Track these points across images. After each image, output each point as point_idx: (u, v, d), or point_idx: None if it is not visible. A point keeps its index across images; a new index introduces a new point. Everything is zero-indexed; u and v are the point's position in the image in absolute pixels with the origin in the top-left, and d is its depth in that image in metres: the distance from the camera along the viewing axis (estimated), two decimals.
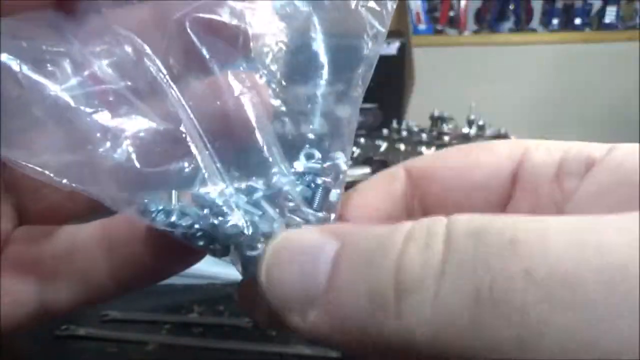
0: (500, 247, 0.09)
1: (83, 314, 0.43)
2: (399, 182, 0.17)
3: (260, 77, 0.16)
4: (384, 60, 0.85)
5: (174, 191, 0.14)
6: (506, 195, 0.15)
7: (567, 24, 1.23)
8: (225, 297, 0.44)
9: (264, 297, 0.12)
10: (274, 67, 0.16)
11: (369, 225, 0.12)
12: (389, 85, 0.80)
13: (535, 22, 1.27)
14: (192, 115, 0.15)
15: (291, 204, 0.15)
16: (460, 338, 0.09)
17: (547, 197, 0.14)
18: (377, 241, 0.11)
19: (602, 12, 1.22)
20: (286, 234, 0.13)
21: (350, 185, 0.48)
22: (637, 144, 0.13)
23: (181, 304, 0.43)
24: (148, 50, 0.15)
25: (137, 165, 0.14)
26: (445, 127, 0.50)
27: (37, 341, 0.39)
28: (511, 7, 1.25)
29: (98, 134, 0.14)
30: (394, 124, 0.51)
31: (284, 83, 0.16)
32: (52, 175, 0.14)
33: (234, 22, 0.15)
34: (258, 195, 0.15)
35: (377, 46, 0.16)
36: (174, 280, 0.46)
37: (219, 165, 0.15)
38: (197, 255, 0.17)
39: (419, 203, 0.17)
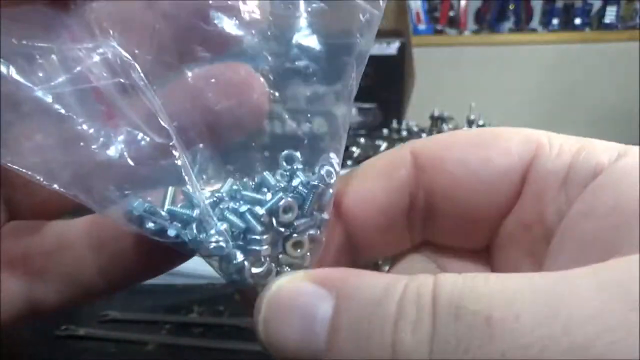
0: (478, 330, 0.10)
1: (83, 314, 0.43)
2: (404, 169, 0.16)
3: (256, 71, 0.15)
4: (384, 60, 0.86)
5: (166, 193, 0.14)
6: (514, 195, 0.15)
7: (567, 24, 1.23)
8: (225, 297, 0.44)
9: (262, 346, 0.13)
10: (267, 63, 0.16)
11: (361, 276, 0.12)
12: (389, 85, 0.80)
13: (535, 22, 1.27)
14: (172, 115, 0.15)
15: (285, 215, 0.14)
16: None
17: (552, 203, 0.14)
18: (371, 311, 0.11)
19: (602, 12, 1.22)
20: (278, 286, 0.13)
21: None
22: None
23: (181, 304, 0.43)
24: (131, 46, 0.14)
25: (130, 162, 0.14)
26: (445, 127, 0.50)
27: (37, 341, 0.38)
28: (511, 7, 1.25)
29: (90, 131, 0.14)
30: (394, 124, 0.51)
31: (278, 79, 0.16)
32: (41, 179, 0.13)
33: (226, 13, 0.15)
34: (244, 208, 0.14)
35: (370, 34, 0.15)
36: (174, 280, 0.47)
37: (203, 167, 0.15)
38: (185, 256, 0.17)
39: (424, 194, 0.16)
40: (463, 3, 1.24)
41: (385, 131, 0.49)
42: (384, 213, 0.16)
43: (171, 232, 0.14)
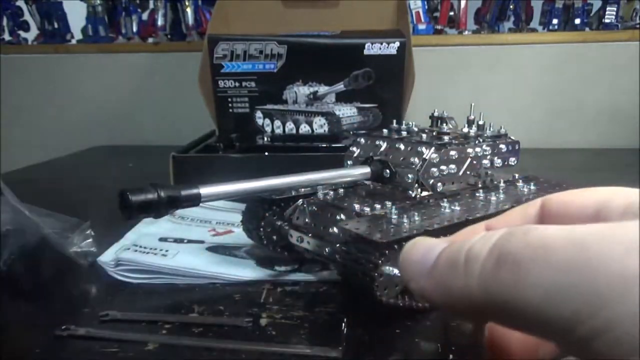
0: (518, 233, 0.15)
1: (83, 314, 0.43)
2: (533, 208, 0.23)
3: None
4: (384, 60, 0.85)
5: None
6: None
7: (567, 24, 1.23)
8: (225, 297, 0.44)
9: (399, 270, 0.20)
10: None
11: (461, 235, 0.21)
12: (389, 85, 0.80)
13: (535, 22, 1.27)
14: None
15: None
16: (490, 285, 0.15)
17: None
18: (463, 243, 0.18)
19: (602, 12, 1.22)
20: (417, 238, 0.21)
21: (351, 185, 0.48)
22: None
23: (181, 304, 0.43)
24: None
25: None
26: (445, 127, 0.50)
27: (37, 341, 0.39)
28: (511, 7, 1.24)
29: None
30: (394, 124, 0.51)
31: None
32: None
33: None
34: None
35: None
36: (174, 280, 0.47)
37: None
38: None
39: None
40: (463, 3, 1.24)
41: (385, 131, 0.49)
42: None
43: None
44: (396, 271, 0.37)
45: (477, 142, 0.48)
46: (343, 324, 0.37)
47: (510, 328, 0.17)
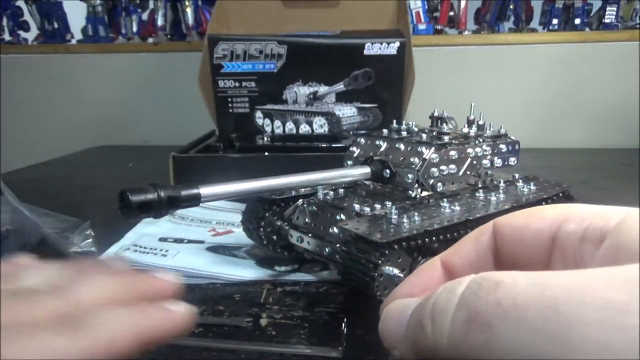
0: (487, 288, 0.15)
1: None
2: (486, 236, 0.22)
3: None
4: (384, 60, 0.85)
5: None
6: (549, 253, 0.20)
7: (567, 24, 1.23)
8: (225, 297, 0.44)
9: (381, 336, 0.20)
10: None
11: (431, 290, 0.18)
12: (389, 85, 0.80)
13: (535, 22, 1.27)
14: None
15: None
16: (459, 344, 0.15)
17: (573, 260, 0.19)
18: (427, 300, 0.17)
19: (602, 12, 1.22)
20: (391, 303, 0.20)
21: (351, 185, 0.48)
22: None
23: None
24: None
25: None
26: (445, 127, 0.50)
27: None
28: (511, 7, 1.24)
29: None
30: (394, 124, 0.51)
31: None
32: None
33: None
34: None
35: None
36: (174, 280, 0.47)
37: None
38: None
39: (499, 253, 0.22)
40: (463, 3, 1.24)
41: (385, 131, 0.49)
42: (474, 266, 0.22)
43: None
44: (396, 271, 0.37)
45: (477, 142, 0.48)
46: (343, 324, 0.37)
47: None
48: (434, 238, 0.39)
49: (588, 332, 0.12)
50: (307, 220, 0.46)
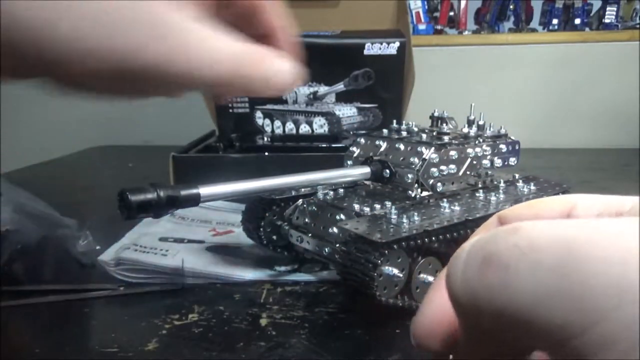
0: (505, 232, 0.15)
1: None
2: (492, 227, 0.22)
3: None
4: (384, 60, 0.85)
5: None
6: None
7: (567, 24, 1.23)
8: (225, 297, 0.44)
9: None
10: None
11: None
12: (389, 85, 0.80)
13: (535, 22, 1.27)
14: None
15: None
16: (476, 286, 0.15)
17: None
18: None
19: (602, 12, 1.22)
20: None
21: (351, 185, 0.47)
22: None
23: (181, 304, 0.43)
24: None
25: None
26: (445, 127, 0.50)
27: (37, 339, 0.39)
28: (511, 7, 1.25)
29: None
30: (394, 124, 0.51)
31: None
32: None
33: None
34: None
35: None
36: (174, 279, 0.47)
37: None
38: None
39: None
40: (463, 3, 1.24)
41: (385, 131, 0.49)
42: None
43: None
44: (396, 271, 0.37)
45: (477, 142, 0.48)
46: (343, 324, 0.37)
47: (498, 336, 0.15)
48: (433, 238, 0.39)
49: (600, 269, 0.12)
50: (307, 220, 0.46)
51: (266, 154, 0.74)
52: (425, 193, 0.46)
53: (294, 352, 0.36)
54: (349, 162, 0.49)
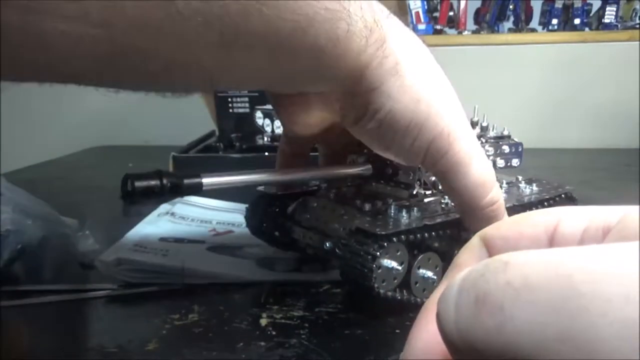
0: (495, 269, 0.14)
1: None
2: (477, 248, 0.21)
3: None
4: None
5: None
6: None
7: (566, 24, 1.23)
8: (225, 297, 0.44)
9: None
10: None
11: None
12: None
13: (535, 22, 1.27)
14: None
15: None
16: (470, 329, 0.14)
17: None
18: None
19: (601, 12, 1.22)
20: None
21: (352, 184, 0.47)
22: None
23: (181, 304, 0.43)
24: None
25: None
26: None
27: (37, 339, 0.38)
28: (511, 7, 1.25)
29: None
30: None
31: None
32: None
33: None
34: None
35: None
36: (174, 280, 0.47)
37: None
38: None
39: None
40: (463, 3, 1.24)
41: None
42: None
43: None
44: (395, 264, 0.37)
45: (479, 142, 0.48)
46: (343, 324, 0.37)
47: None
48: (433, 233, 0.39)
49: (608, 309, 0.11)
50: (308, 216, 0.46)
51: (266, 154, 0.74)
52: (426, 192, 0.46)
53: (294, 352, 0.36)
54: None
